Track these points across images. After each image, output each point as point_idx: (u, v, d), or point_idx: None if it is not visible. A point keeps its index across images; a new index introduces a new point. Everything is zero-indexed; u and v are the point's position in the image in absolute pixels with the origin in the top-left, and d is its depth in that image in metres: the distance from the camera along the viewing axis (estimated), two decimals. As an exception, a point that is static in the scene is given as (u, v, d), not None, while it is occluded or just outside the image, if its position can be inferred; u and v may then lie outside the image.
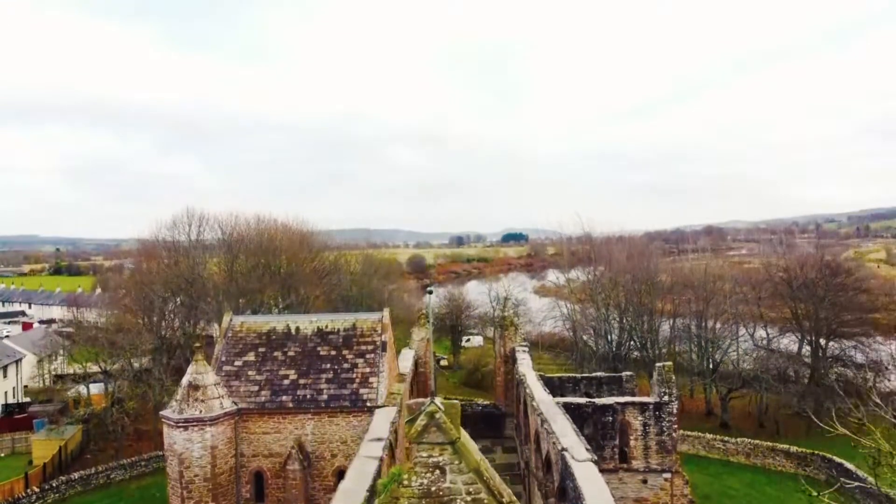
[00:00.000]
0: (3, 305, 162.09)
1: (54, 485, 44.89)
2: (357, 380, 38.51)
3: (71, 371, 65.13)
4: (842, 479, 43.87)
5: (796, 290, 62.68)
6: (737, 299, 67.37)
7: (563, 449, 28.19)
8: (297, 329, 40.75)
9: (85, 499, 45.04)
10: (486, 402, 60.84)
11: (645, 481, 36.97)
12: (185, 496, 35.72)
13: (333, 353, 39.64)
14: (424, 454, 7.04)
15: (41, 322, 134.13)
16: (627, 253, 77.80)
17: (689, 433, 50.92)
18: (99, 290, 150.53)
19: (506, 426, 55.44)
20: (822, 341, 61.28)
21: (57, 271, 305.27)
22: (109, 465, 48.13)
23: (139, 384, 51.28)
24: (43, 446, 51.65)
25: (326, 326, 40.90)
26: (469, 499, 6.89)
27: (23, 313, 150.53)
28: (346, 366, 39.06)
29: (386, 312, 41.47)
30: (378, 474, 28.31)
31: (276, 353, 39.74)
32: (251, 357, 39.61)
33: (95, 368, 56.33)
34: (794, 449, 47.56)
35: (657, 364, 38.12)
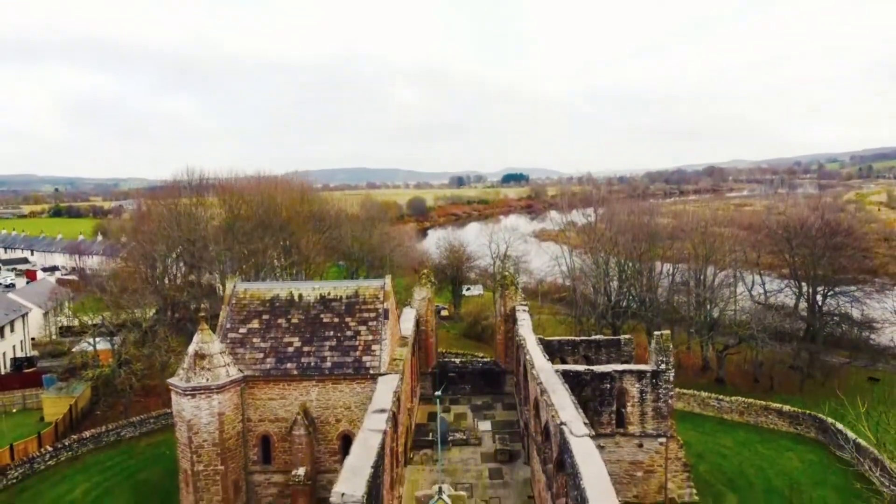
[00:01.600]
0: (6, 252, 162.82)
1: (67, 443, 46.30)
2: (360, 347, 39.19)
3: (76, 323, 66.05)
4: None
5: (795, 248, 63.09)
6: (736, 254, 67.70)
7: (562, 423, 28.97)
8: (300, 296, 41.20)
9: (97, 457, 46.50)
10: (487, 359, 61.93)
11: (641, 445, 38.11)
12: (194, 460, 36.91)
13: (336, 320, 40.21)
14: (433, 545, 7.39)
15: (44, 269, 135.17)
16: (629, 209, 77.69)
17: (684, 391, 52.10)
18: (100, 238, 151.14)
19: (505, 383, 56.59)
20: (819, 298, 62.04)
21: (57, 213, 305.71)
22: (119, 424, 49.47)
23: (145, 344, 52.19)
24: (53, 404, 52.97)
25: (329, 294, 41.33)
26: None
27: (25, 260, 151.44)
28: (348, 333, 39.68)
29: (387, 280, 41.83)
30: (382, 448, 29.21)
31: (279, 321, 40.31)
32: (255, 324, 40.19)
33: (101, 317, 57.24)
34: (786, 408, 48.76)
35: (655, 333, 38.75)
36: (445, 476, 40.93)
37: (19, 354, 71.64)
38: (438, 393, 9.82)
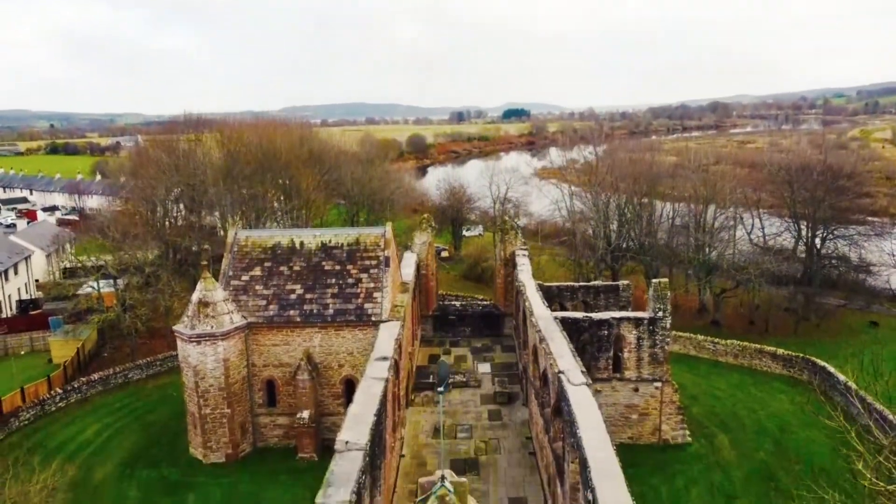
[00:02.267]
0: (4, 192, 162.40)
1: (76, 386, 47.43)
2: (361, 295, 39.70)
3: (79, 264, 66.60)
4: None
5: (796, 192, 63.04)
6: (737, 195, 67.59)
7: (560, 371, 29.68)
8: (302, 244, 41.47)
9: (106, 399, 47.72)
10: (486, 301, 62.65)
11: (636, 389, 39.06)
12: (201, 404, 37.96)
13: (338, 268, 40.59)
14: (436, 527, 7.85)
15: (44, 210, 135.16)
16: (630, 150, 77.15)
17: (680, 334, 53.00)
18: (99, 177, 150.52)
19: (504, 326, 57.45)
20: (818, 241, 62.38)
21: (53, 150, 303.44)
22: (126, 366, 50.54)
23: (148, 289, 52.81)
24: (61, 346, 53.99)
25: (330, 241, 41.57)
26: (475, 563, 7.80)
27: (25, 199, 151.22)
28: (350, 281, 40.13)
29: (388, 228, 42.00)
30: (384, 396, 29.99)
31: (281, 268, 40.70)
32: (258, 272, 40.60)
33: (103, 262, 57.76)
34: (780, 351, 49.74)
35: (653, 280, 39.16)
36: (446, 417, 42.11)
37: (24, 297, 72.53)
38: (441, 389, 10.10)
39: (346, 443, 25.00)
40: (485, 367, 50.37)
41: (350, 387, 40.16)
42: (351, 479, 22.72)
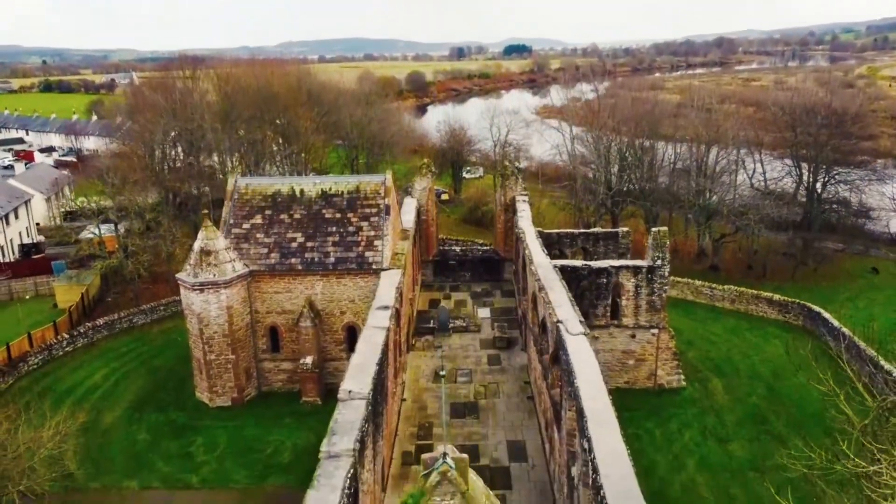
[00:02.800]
0: (0, 132, 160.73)
1: (82, 331, 48.16)
2: (362, 243, 39.91)
3: (79, 207, 66.64)
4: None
5: (799, 136, 62.51)
6: (740, 135, 66.98)
7: (559, 321, 30.15)
8: (302, 192, 41.43)
9: (112, 343, 48.53)
10: (486, 246, 62.97)
11: (633, 336, 39.72)
12: (206, 350, 38.66)
13: (338, 216, 40.67)
14: (438, 498, 8.27)
15: (41, 151, 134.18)
16: (633, 90, 76.04)
17: (678, 279, 53.45)
18: (95, 118, 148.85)
19: (504, 271, 57.93)
20: (819, 186, 62.23)
21: (47, 88, 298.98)
22: (131, 311, 51.19)
23: (149, 235, 53.04)
24: (65, 291, 54.57)
25: (330, 189, 41.52)
26: (475, 531, 8.30)
27: (21, 140, 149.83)
28: (350, 229, 40.27)
29: (388, 176, 41.87)
30: (386, 345, 30.57)
31: (282, 216, 40.78)
32: (258, 220, 40.70)
33: (103, 204, 57.84)
34: (776, 297, 50.30)
35: (653, 229, 39.30)
36: (446, 362, 42.96)
37: (26, 241, 72.83)
38: (443, 373, 10.42)
39: (350, 392, 25.66)
40: (484, 312, 51.06)
41: (352, 333, 40.84)
42: (354, 427, 23.43)
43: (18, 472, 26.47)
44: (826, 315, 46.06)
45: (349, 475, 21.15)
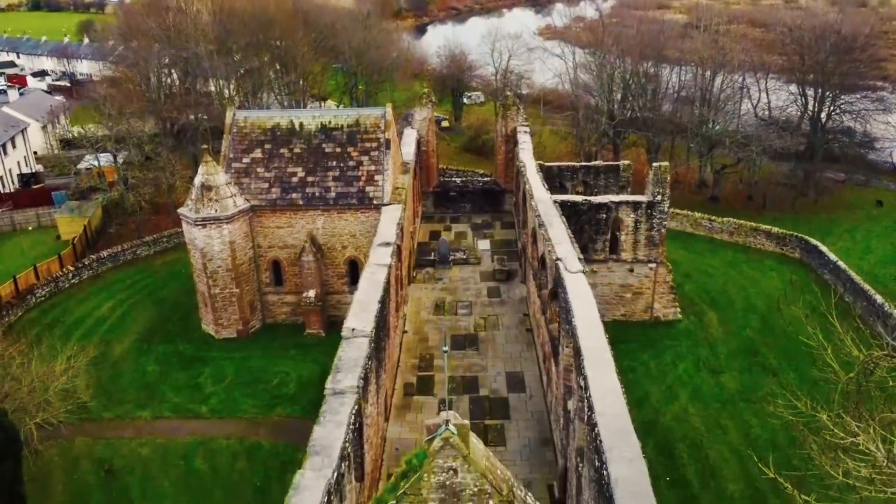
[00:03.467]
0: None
1: (87, 263, 48.72)
2: (362, 178, 39.90)
3: (76, 134, 66.11)
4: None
5: (807, 63, 61.23)
6: (746, 59, 65.61)
7: (558, 259, 30.56)
8: (301, 125, 41.06)
9: (117, 275, 49.16)
10: (487, 177, 62.80)
11: (631, 270, 40.27)
12: (210, 284, 39.28)
13: (338, 150, 40.47)
14: (441, 461, 8.77)
15: (33, 75, 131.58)
16: (636, 15, 73.99)
17: (678, 211, 53.58)
18: (87, 41, 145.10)
19: (505, 202, 58.02)
20: (824, 116, 61.46)
21: (35, 6, 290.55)
22: (134, 243, 51.57)
23: (149, 166, 52.89)
24: (68, 223, 54.84)
25: (330, 123, 41.14)
26: (476, 489, 8.83)
27: (12, 63, 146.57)
28: (351, 164, 40.17)
29: (388, 109, 41.39)
30: (387, 282, 31.08)
31: (282, 151, 40.58)
32: (258, 154, 40.53)
33: (101, 134, 57.44)
34: (774, 230, 50.55)
35: (654, 164, 39.21)
36: (446, 294, 43.70)
37: (24, 171, 72.52)
38: (446, 348, 10.68)
39: (353, 330, 26.29)
40: (484, 244, 51.48)
41: (354, 267, 41.38)
42: (358, 365, 24.14)
43: (34, 405, 27.46)
44: (823, 248, 46.50)
45: (353, 411, 21.97)
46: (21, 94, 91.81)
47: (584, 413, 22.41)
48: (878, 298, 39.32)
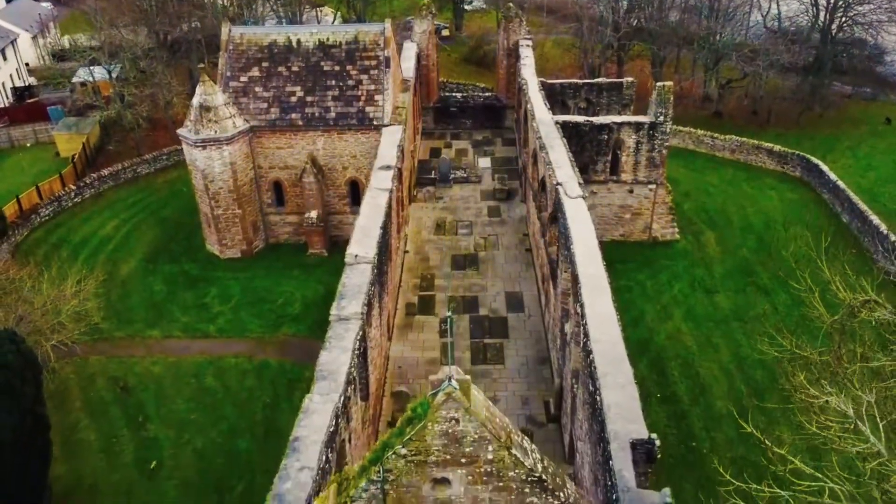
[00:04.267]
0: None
1: (88, 182, 48.74)
2: (362, 98, 39.43)
3: (69, 45, 64.53)
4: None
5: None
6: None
7: (558, 183, 30.75)
8: (299, 42, 40.16)
9: (119, 193, 49.26)
10: (488, 92, 61.79)
11: (631, 191, 40.45)
12: (213, 205, 39.61)
13: (337, 69, 39.78)
14: (444, 412, 9.38)
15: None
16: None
17: (680, 128, 53.00)
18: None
19: (506, 118, 57.45)
20: (834, 27, 59.63)
21: None
22: (134, 161, 51.36)
23: (145, 83, 51.96)
24: (66, 140, 54.41)
25: (328, 39, 40.23)
26: (476, 436, 9.49)
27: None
28: (350, 83, 39.59)
29: (387, 25, 40.35)
30: (389, 207, 31.37)
31: (280, 69, 39.89)
32: (256, 73, 39.87)
33: (93, 43, 56.10)
34: (776, 148, 50.22)
35: (657, 84, 38.63)
36: (447, 214, 44.08)
37: (17, 84, 71.16)
38: (449, 315, 10.87)
39: (356, 256, 26.83)
40: (485, 162, 51.41)
41: (355, 188, 41.55)
42: (361, 291, 24.80)
43: (48, 328, 28.36)
44: (823, 167, 46.45)
45: (358, 336, 22.81)
46: (8, 2, 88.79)
47: (580, 338, 23.25)
48: (875, 219, 39.68)
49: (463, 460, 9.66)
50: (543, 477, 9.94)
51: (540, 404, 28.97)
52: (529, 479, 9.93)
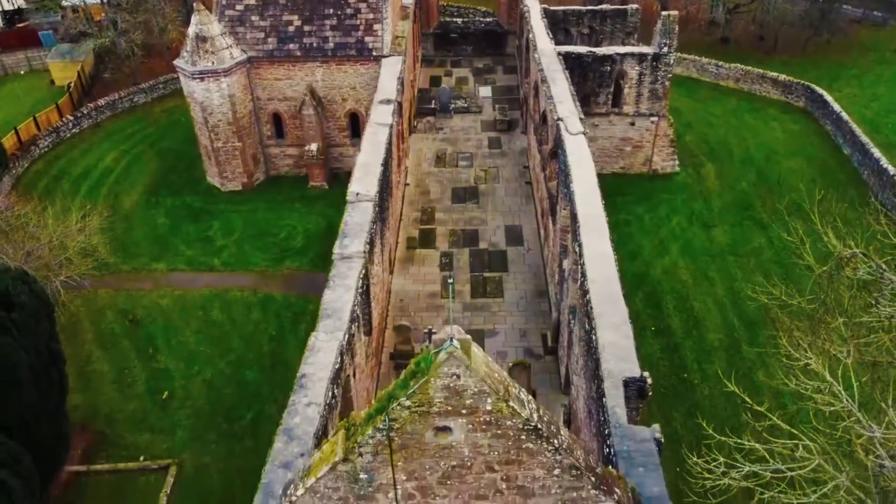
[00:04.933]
0: None
1: (85, 112, 48.25)
2: (361, 27, 38.70)
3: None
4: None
5: None
6: None
7: (559, 119, 30.66)
8: (294, -34, 38.99)
9: (117, 124, 48.86)
10: (489, 17, 60.24)
11: (633, 124, 40.24)
12: (212, 138, 39.54)
13: (335, -5, 38.82)
14: (446, 369, 9.92)
15: None
16: None
17: (685, 56, 52.01)
18: None
19: (507, 45, 56.44)
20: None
21: None
22: (131, 90, 50.63)
23: (138, 10, 50.67)
24: (60, 68, 53.51)
25: (324, -37, 39.04)
26: (476, 390, 10.07)
27: None
28: (348, 11, 38.77)
29: (386, -51, 39.06)
30: (389, 143, 31.36)
31: (276, -4, 38.93)
32: (251, 0, 38.93)
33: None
34: (781, 77, 49.42)
35: (663, 12, 37.80)
36: (447, 145, 43.98)
37: (6, 7, 69.22)
38: (451, 281, 11.07)
39: (357, 194, 27.09)
40: (486, 91, 50.86)
41: (354, 120, 41.30)
42: (363, 230, 25.20)
43: (56, 263, 28.92)
44: (827, 98, 45.97)
45: (361, 275, 23.36)
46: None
47: (577, 276, 23.80)
48: (875, 152, 39.63)
49: (463, 411, 10.30)
50: (539, 426, 10.61)
51: (538, 337, 29.86)
52: (525, 427, 10.60)
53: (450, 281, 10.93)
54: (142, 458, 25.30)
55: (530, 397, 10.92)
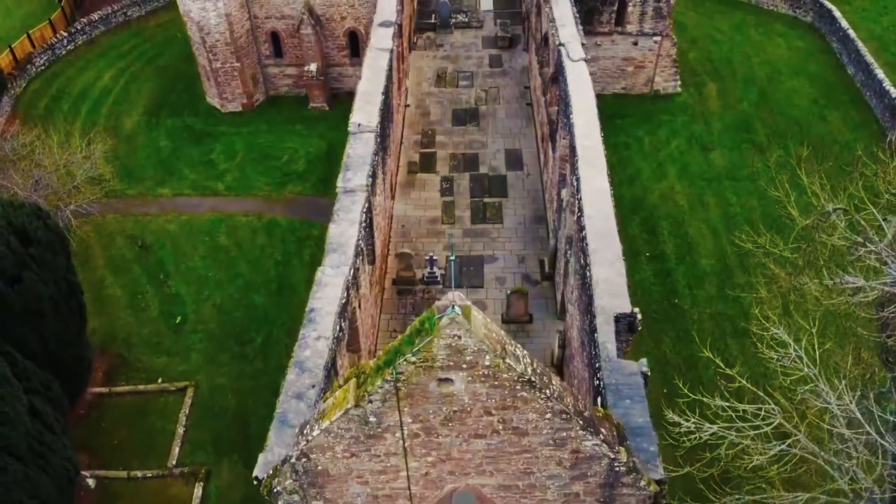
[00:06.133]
0: None
1: (79, 28, 47.18)
2: (359, -58, 37.46)
3: None
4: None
5: None
6: None
7: (561, 44, 30.39)
8: None
9: (112, 40, 47.79)
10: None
11: (636, 43, 39.70)
12: (211, 58, 39.20)
13: None
14: (448, 331, 10.81)
15: None
16: None
17: (693, -34, 50.52)
18: None
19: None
20: None
21: None
22: (124, 3, 49.08)
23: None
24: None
25: None
26: (475, 349, 11.01)
27: None
28: (346, -76, 37.42)
29: None
30: (390, 70, 31.20)
31: None
32: (245, -87, 37.55)
33: None
34: (790, -10, 48.24)
35: (670, -73, 36.55)
36: (447, 63, 43.48)
37: None
38: (452, 257, 11.27)
39: (359, 125, 27.30)
40: (487, 4, 49.59)
41: (354, 38, 40.69)
42: (366, 162, 25.62)
43: (66, 191, 29.50)
44: (836, 13, 44.95)
45: (364, 209, 24.03)
46: None
47: (574, 210, 24.47)
48: (879, 73, 39.31)
49: (464, 366, 11.31)
50: (532, 378, 11.64)
51: (535, 263, 30.82)
52: (520, 380, 11.65)
53: (450, 257, 11.64)
54: (160, 381, 26.83)
55: (525, 353, 11.92)
